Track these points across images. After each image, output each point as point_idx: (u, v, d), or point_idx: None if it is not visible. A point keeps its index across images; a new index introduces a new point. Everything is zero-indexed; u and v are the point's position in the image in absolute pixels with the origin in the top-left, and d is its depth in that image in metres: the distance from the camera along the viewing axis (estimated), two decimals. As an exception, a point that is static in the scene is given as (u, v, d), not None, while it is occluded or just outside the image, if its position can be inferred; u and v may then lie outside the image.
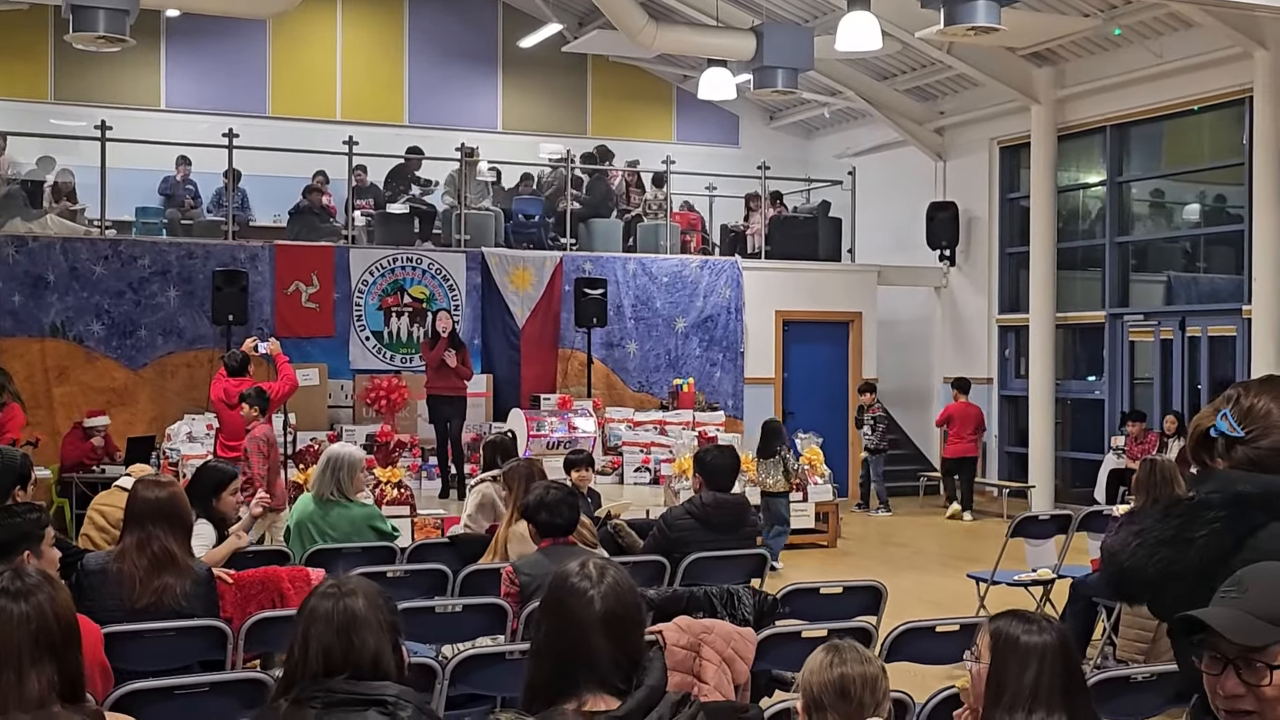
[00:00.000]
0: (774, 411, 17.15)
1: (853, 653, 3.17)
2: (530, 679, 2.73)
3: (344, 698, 2.65)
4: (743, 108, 20.67)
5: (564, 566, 2.81)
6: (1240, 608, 2.31)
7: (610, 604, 2.75)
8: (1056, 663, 3.32)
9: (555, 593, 2.75)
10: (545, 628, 2.75)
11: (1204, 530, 2.92)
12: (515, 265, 16.17)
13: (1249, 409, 2.99)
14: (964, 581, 9.24)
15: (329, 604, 2.84)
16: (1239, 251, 14.56)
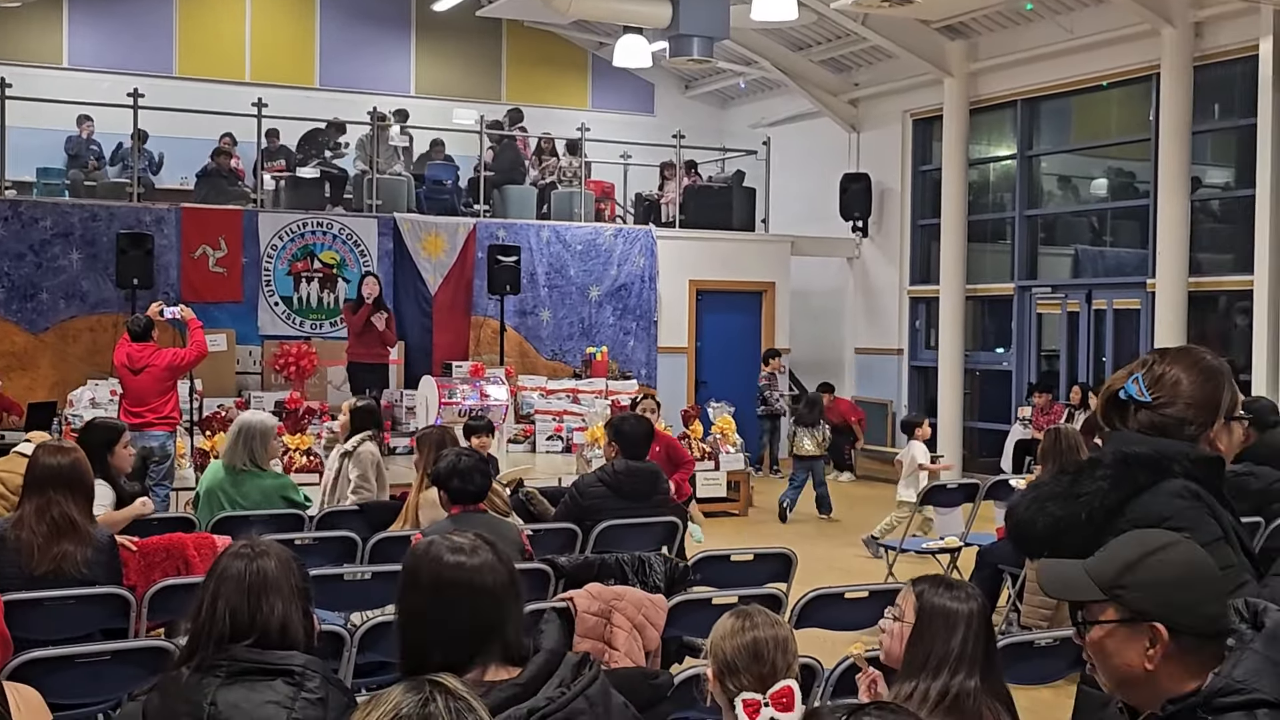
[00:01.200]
0: (686, 381, 17.23)
1: (762, 616, 3.19)
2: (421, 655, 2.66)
3: (249, 666, 2.59)
4: (658, 76, 20.62)
5: (438, 543, 2.74)
6: (1083, 563, 2.40)
7: (502, 572, 2.72)
8: (980, 629, 3.40)
9: (438, 566, 2.69)
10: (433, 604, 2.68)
11: (1091, 488, 2.99)
12: (428, 231, 16.01)
13: (1159, 376, 3.09)
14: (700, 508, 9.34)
15: (241, 565, 2.79)
16: (1144, 226, 14.80)
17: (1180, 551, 2.39)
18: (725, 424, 14.12)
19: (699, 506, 13.32)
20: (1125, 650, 2.32)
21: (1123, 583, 2.32)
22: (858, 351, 18.63)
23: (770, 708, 3.01)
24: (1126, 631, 2.31)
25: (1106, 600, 2.32)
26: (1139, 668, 2.31)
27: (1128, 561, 2.34)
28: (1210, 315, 14.51)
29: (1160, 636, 2.29)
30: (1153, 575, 2.33)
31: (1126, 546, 2.40)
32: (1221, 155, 14.67)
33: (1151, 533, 2.49)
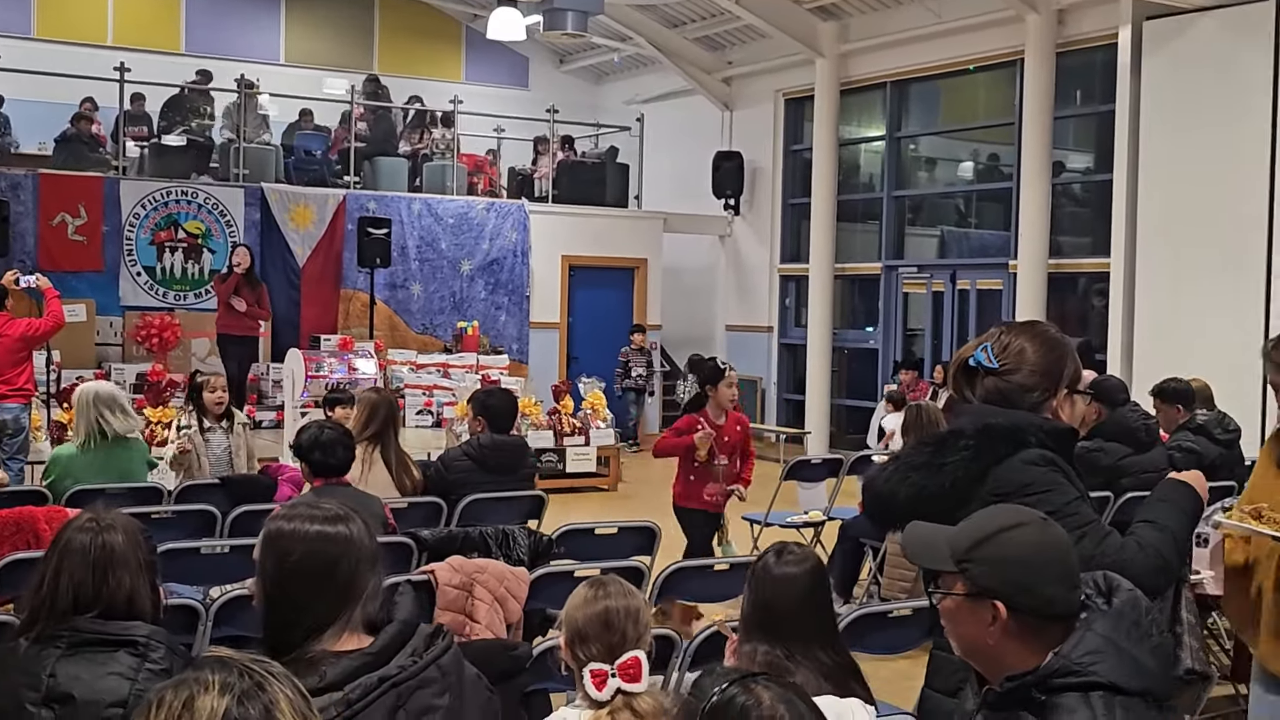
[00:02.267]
0: (558, 356, 17.23)
1: (615, 586, 3.21)
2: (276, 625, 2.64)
3: (91, 637, 2.54)
4: (533, 50, 20.50)
5: (297, 512, 2.72)
6: (946, 533, 2.44)
7: (358, 541, 2.71)
8: (810, 591, 3.45)
9: (292, 535, 2.67)
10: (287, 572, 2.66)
11: (955, 457, 3.08)
12: (296, 202, 15.76)
13: (1006, 345, 3.22)
14: (740, 524, 9.42)
15: (86, 538, 2.73)
16: (1008, 209, 15.12)
17: (1028, 533, 2.41)
18: (596, 399, 14.15)
19: (567, 481, 13.43)
20: (970, 623, 2.36)
21: (970, 557, 2.35)
22: (728, 329, 18.77)
23: (617, 678, 3.03)
24: (971, 605, 2.35)
25: (954, 572, 2.36)
26: (982, 641, 2.35)
27: (977, 537, 2.37)
28: (1069, 296, 14.89)
29: (1000, 614, 2.32)
30: (997, 554, 2.36)
31: (982, 521, 2.43)
32: (1083, 140, 15.04)
33: (1007, 509, 2.52)
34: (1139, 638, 2.37)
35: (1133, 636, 2.36)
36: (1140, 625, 2.39)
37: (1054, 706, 2.28)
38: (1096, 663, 2.29)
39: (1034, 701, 2.30)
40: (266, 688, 1.77)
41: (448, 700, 2.64)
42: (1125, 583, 2.47)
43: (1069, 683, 2.29)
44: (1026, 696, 2.31)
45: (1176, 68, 12.70)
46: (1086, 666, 2.29)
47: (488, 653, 3.99)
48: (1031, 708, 2.30)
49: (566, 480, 13.54)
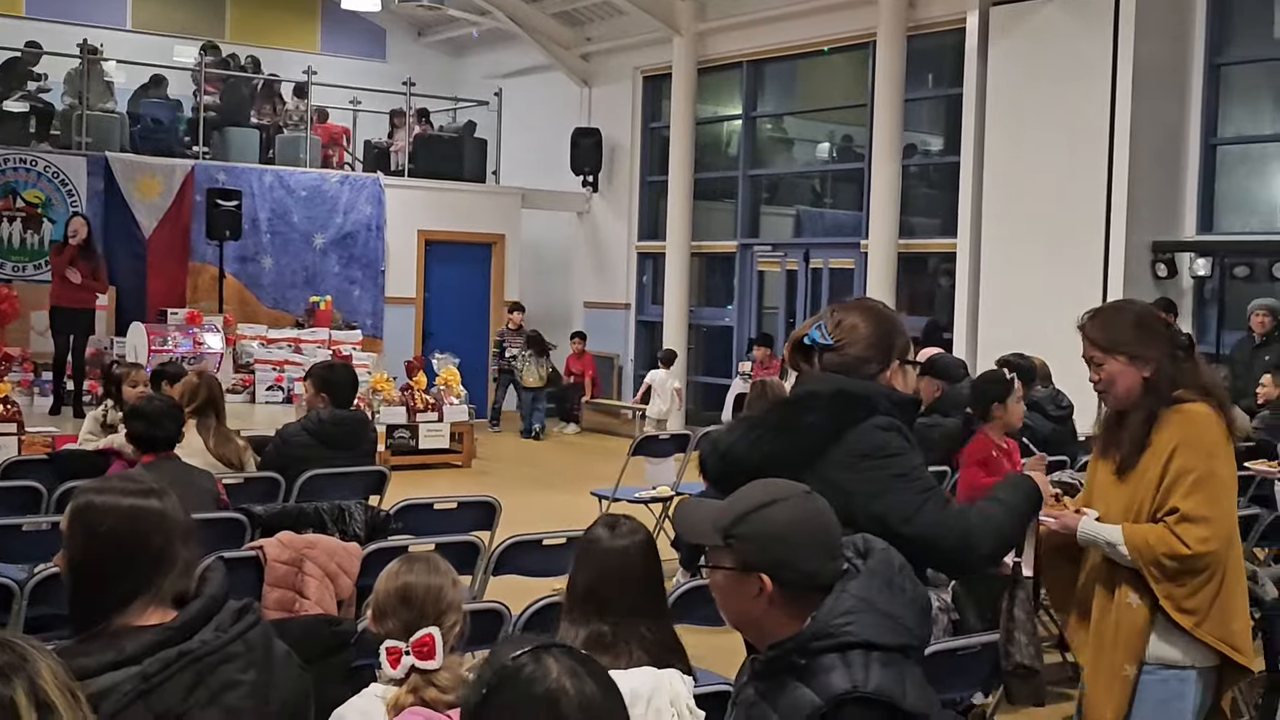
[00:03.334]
0: (413, 332, 17.07)
1: (422, 563, 3.19)
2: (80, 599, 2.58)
3: None
4: (390, 22, 20.23)
5: (105, 485, 2.66)
6: (716, 505, 2.49)
7: (169, 514, 2.65)
8: (641, 565, 3.47)
9: (100, 508, 2.60)
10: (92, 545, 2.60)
11: (811, 418, 3.14)
12: (142, 172, 15.35)
13: (839, 322, 3.33)
14: (590, 499, 9.44)
15: None
16: (862, 189, 15.33)
17: (788, 508, 2.45)
18: (450, 375, 14.05)
19: (420, 457, 13.33)
20: (738, 596, 2.41)
21: (734, 533, 2.40)
22: (586, 305, 18.77)
23: (411, 655, 3.01)
24: (739, 578, 2.40)
25: (720, 546, 2.41)
26: (751, 613, 2.42)
27: (740, 513, 2.42)
28: (920, 276, 15.17)
29: (765, 586, 2.38)
30: (758, 529, 2.41)
31: (745, 497, 2.47)
32: (935, 123, 15.32)
33: (770, 484, 2.55)
34: (893, 594, 2.44)
35: (886, 594, 2.43)
36: (894, 582, 2.46)
37: (814, 668, 2.34)
38: (851, 623, 2.36)
39: (796, 666, 2.36)
40: (27, 661, 1.72)
41: (253, 676, 2.59)
42: (879, 542, 2.55)
43: (827, 644, 2.35)
44: (789, 662, 2.37)
45: (1021, 53, 13.00)
46: (841, 627, 2.36)
47: (311, 629, 3.94)
48: (795, 672, 2.36)
49: (420, 456, 13.43)
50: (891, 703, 2.31)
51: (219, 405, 6.50)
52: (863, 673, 2.31)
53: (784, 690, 2.37)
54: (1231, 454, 3.67)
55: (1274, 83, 12.55)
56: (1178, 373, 3.62)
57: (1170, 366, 3.62)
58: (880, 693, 2.30)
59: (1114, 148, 12.13)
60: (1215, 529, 3.51)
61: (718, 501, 2.50)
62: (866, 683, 2.30)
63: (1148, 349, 3.62)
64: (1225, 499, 3.61)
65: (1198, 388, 3.63)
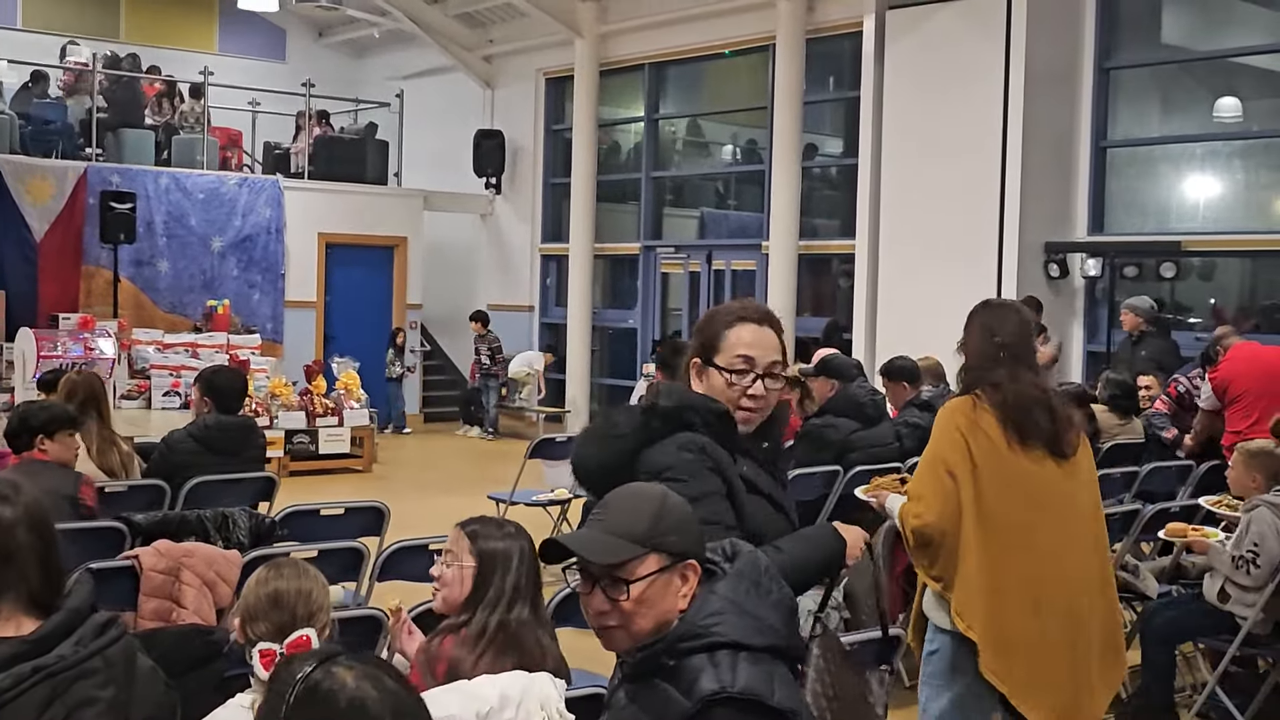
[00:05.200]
0: (315, 336, 16.90)
1: (291, 569, 3.20)
2: None
3: None
4: (290, 22, 20.01)
5: None
6: (601, 528, 2.43)
7: (31, 522, 2.59)
8: (531, 564, 3.58)
9: None
10: None
11: (620, 432, 3.12)
12: (33, 175, 15.04)
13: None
14: (485, 502, 9.39)
15: None
16: (764, 191, 15.41)
17: (673, 496, 2.51)
18: (350, 379, 13.93)
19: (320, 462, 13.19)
20: (665, 596, 2.39)
21: (660, 530, 2.39)
22: (490, 307, 18.64)
23: (284, 658, 2.99)
24: (666, 578, 2.38)
25: (646, 552, 2.38)
26: (674, 610, 2.39)
27: (653, 512, 2.42)
28: (822, 277, 15.28)
29: (695, 572, 2.41)
30: (677, 518, 2.43)
31: (638, 501, 2.47)
32: (835, 125, 15.44)
33: (645, 485, 2.59)
34: (760, 596, 2.45)
35: (753, 595, 2.44)
36: (760, 584, 2.47)
37: (682, 669, 2.34)
38: (719, 623, 2.36)
39: (665, 668, 2.35)
40: None
41: (111, 693, 2.54)
42: (745, 545, 2.57)
43: (695, 645, 2.35)
44: (659, 664, 2.36)
45: (917, 56, 13.14)
46: (710, 628, 2.36)
47: (183, 639, 3.88)
48: (663, 674, 2.36)
49: (320, 462, 13.30)
50: (759, 700, 2.31)
51: (101, 405, 6.38)
52: (730, 673, 2.31)
53: (654, 692, 2.37)
54: (961, 441, 3.97)
55: (1161, 86, 12.82)
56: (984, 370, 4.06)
57: (977, 364, 4.10)
58: (747, 692, 2.30)
59: (1007, 150, 12.30)
60: (928, 505, 3.97)
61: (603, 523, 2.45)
62: (734, 683, 2.30)
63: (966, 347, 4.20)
64: (942, 480, 3.94)
65: (992, 384, 4.02)
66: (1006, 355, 4.04)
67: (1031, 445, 3.99)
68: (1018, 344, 4.08)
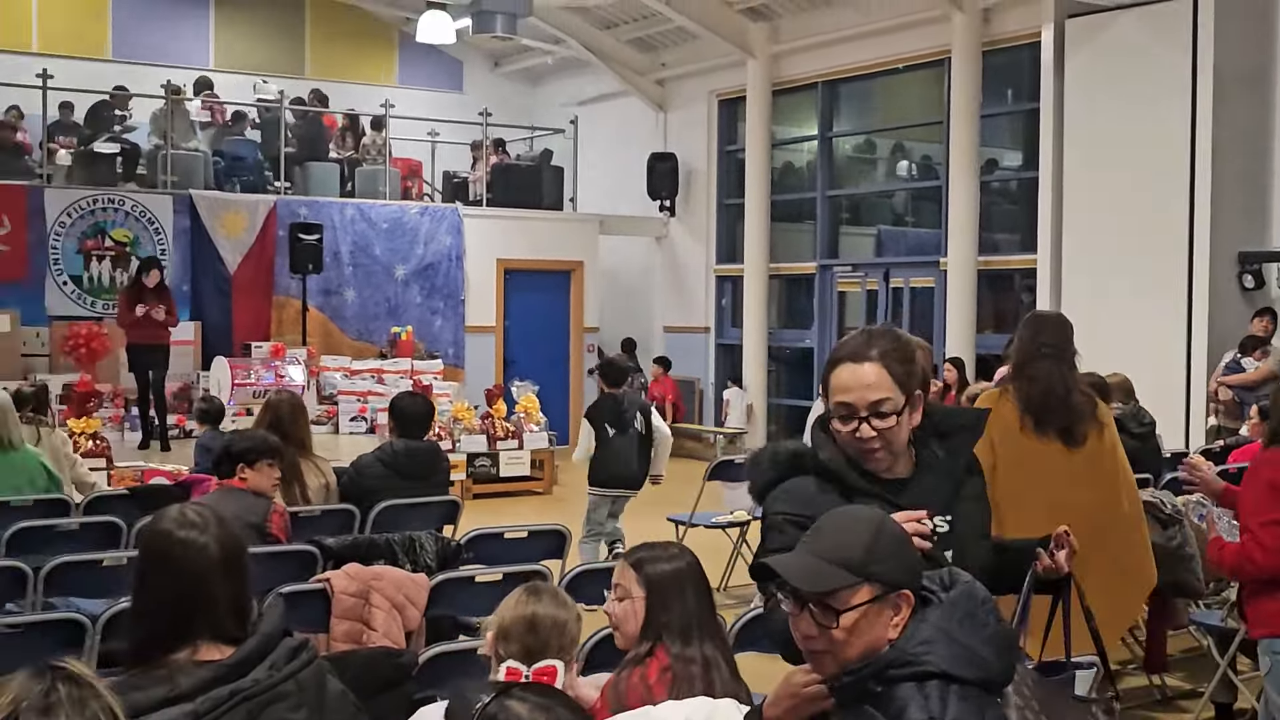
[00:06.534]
0: (494, 360, 17.19)
1: (551, 596, 3.31)
2: (140, 633, 2.63)
3: None
4: (467, 53, 20.44)
5: (159, 516, 2.71)
6: (813, 553, 2.40)
7: (225, 547, 2.68)
8: (701, 585, 3.51)
9: (160, 542, 2.65)
10: (154, 580, 2.64)
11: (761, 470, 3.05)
12: (226, 209, 15.63)
13: None
14: (665, 524, 9.42)
15: None
16: (940, 207, 15.19)
17: (890, 520, 2.48)
18: (529, 403, 14.11)
19: (501, 485, 13.38)
20: (876, 626, 2.36)
21: (873, 559, 2.36)
22: (666, 330, 18.78)
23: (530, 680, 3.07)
24: (878, 608, 2.35)
25: (860, 582, 2.35)
26: (883, 640, 2.36)
27: (866, 541, 2.38)
28: (1003, 293, 14.98)
29: (908, 601, 2.37)
30: (892, 547, 2.40)
31: (852, 528, 2.43)
32: (1013, 138, 15.15)
33: (859, 510, 2.54)
34: (974, 627, 2.39)
35: (966, 626, 2.38)
36: (975, 616, 2.40)
37: (890, 697, 2.30)
38: (928, 652, 2.32)
39: (871, 693, 2.32)
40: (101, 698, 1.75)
41: (304, 715, 2.61)
42: (963, 575, 2.51)
43: (904, 673, 2.31)
44: (865, 689, 2.33)
45: (1098, 65, 12.82)
46: (920, 656, 2.31)
47: (372, 662, 3.97)
48: (869, 699, 2.32)
49: (500, 485, 13.50)
50: None
51: (298, 427, 6.52)
52: (940, 705, 2.27)
53: (860, 718, 2.34)
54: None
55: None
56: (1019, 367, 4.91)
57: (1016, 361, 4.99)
58: None
59: (1196, 157, 11.91)
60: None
61: (813, 549, 2.41)
62: (943, 716, 2.26)
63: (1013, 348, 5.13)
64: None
65: (1028, 378, 4.88)
66: (1040, 355, 4.84)
67: (1045, 431, 4.80)
68: (1052, 347, 4.89)
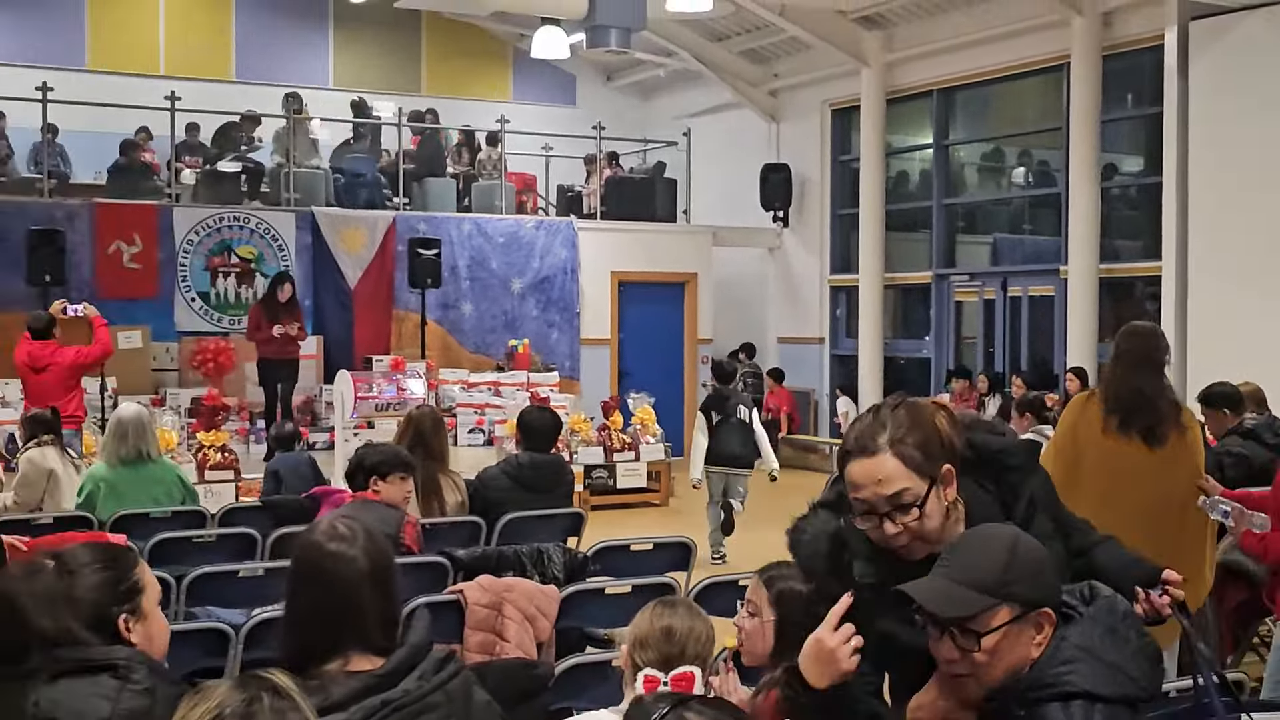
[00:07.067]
0: (609, 372, 17.27)
1: (685, 608, 3.35)
2: (293, 644, 2.70)
3: (71, 665, 2.56)
4: (580, 67, 20.59)
5: (310, 529, 2.78)
6: (948, 576, 2.37)
7: (374, 560, 2.74)
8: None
9: (312, 555, 2.71)
10: (306, 592, 2.71)
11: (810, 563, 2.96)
12: (346, 225, 15.90)
13: None
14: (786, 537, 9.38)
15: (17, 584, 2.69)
16: (1060, 214, 14.97)
17: (1026, 536, 2.44)
18: (645, 414, 14.15)
19: (618, 497, 13.43)
20: (1017, 646, 2.34)
21: (1010, 579, 2.33)
22: (780, 340, 18.72)
23: (668, 687, 3.10)
24: (1019, 627, 2.33)
25: (998, 604, 2.32)
26: (1027, 659, 2.33)
27: (1004, 561, 2.35)
28: (1124, 301, 14.71)
29: (1050, 619, 2.34)
30: (1029, 566, 2.37)
31: (987, 548, 2.40)
32: (1135, 143, 14.88)
33: (995, 530, 2.49)
34: (1116, 642, 2.35)
35: (1108, 642, 2.35)
36: (1117, 631, 2.37)
37: (1034, 719, 2.27)
38: (1071, 672, 2.29)
39: (1015, 717, 2.29)
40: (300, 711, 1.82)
41: (452, 726, 2.66)
42: (1104, 589, 2.47)
43: (1047, 694, 2.28)
44: (1009, 713, 2.30)
45: (1224, 67, 12.55)
46: (1062, 676, 2.29)
47: (509, 673, 4.01)
48: None
49: (618, 496, 13.55)
50: None
51: (436, 440, 6.62)
52: None
53: None
54: (1071, 426, 5.28)
55: None
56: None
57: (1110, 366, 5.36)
58: None
59: (1329, 161, 11.61)
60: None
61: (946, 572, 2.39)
62: None
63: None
64: (1049, 456, 5.21)
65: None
66: (1127, 361, 5.16)
67: (1128, 432, 5.04)
68: (1141, 354, 5.16)
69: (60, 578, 2.66)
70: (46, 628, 2.58)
